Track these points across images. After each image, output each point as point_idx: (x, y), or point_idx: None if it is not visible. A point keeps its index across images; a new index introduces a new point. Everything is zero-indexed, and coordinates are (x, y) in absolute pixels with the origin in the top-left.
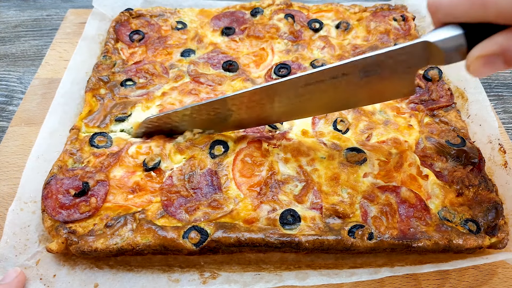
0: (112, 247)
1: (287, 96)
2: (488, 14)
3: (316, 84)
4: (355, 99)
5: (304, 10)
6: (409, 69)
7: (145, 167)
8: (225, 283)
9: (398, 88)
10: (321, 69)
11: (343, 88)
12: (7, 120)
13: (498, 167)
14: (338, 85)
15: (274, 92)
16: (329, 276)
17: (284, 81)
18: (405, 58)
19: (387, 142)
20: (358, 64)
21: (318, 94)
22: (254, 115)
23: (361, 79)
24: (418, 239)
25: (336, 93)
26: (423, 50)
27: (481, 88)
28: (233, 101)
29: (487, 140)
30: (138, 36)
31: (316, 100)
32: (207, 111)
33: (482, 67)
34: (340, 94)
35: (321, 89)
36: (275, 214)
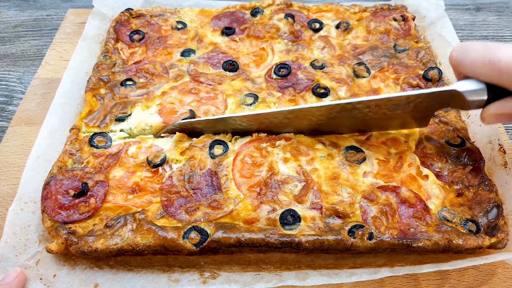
0: (112, 247)
1: (318, 117)
2: (503, 80)
3: (350, 110)
4: (377, 125)
5: (304, 10)
6: (431, 107)
7: (152, 164)
8: (225, 283)
9: (416, 122)
10: (360, 100)
11: (371, 116)
12: (7, 120)
13: (498, 167)
14: (368, 113)
15: (310, 113)
16: (329, 276)
17: (321, 106)
18: (432, 99)
19: (386, 142)
20: (393, 100)
21: (347, 119)
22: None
23: (389, 111)
24: (418, 239)
25: (363, 119)
26: (450, 96)
27: None
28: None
29: (487, 140)
30: (138, 36)
31: (343, 123)
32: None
33: (494, 120)
34: (367, 120)
35: (352, 115)
36: (275, 214)
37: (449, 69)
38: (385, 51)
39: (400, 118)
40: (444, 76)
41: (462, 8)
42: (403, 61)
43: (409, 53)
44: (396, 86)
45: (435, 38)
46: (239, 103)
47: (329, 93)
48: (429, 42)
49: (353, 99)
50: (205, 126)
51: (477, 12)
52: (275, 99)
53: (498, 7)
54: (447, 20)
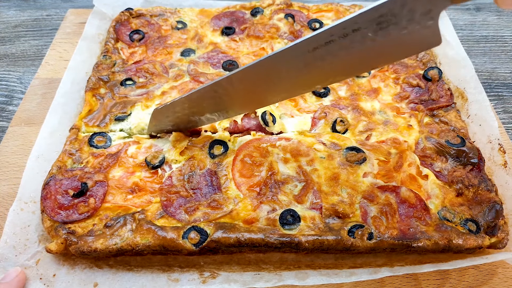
0: (111, 247)
1: (294, 66)
2: None
3: (325, 46)
4: (372, 59)
5: (304, 10)
6: (430, 12)
7: (150, 166)
8: (224, 283)
9: (421, 39)
10: (328, 27)
11: (357, 47)
12: (7, 120)
13: (498, 167)
14: (350, 45)
15: (279, 63)
16: (329, 276)
17: (288, 48)
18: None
19: (386, 142)
20: (368, 16)
21: (329, 59)
22: (258, 94)
23: (375, 33)
24: (418, 239)
25: (349, 54)
26: None
27: (481, 88)
28: (235, 79)
29: (487, 140)
30: (138, 35)
31: (328, 67)
32: (210, 94)
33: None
34: (354, 55)
35: (331, 52)
36: (275, 214)
37: (449, 69)
38: None
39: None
40: (444, 76)
41: (462, 8)
42: (403, 60)
43: None
44: (396, 86)
45: None
46: None
47: (329, 93)
48: None
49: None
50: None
51: (477, 12)
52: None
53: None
54: (447, 19)
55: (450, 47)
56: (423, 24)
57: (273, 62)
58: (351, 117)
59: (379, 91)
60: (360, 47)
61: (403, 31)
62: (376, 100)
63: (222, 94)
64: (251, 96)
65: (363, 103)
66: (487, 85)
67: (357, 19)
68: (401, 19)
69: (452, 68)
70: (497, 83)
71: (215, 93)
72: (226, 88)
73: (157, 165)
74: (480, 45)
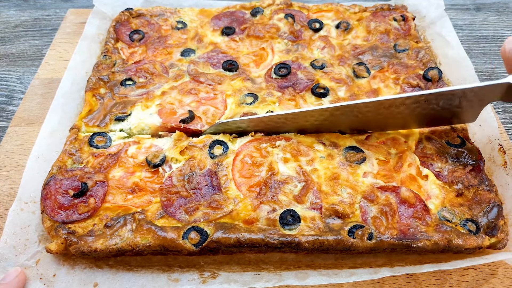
0: (111, 247)
1: (366, 114)
2: None
3: (398, 106)
4: (424, 122)
5: (304, 10)
6: (482, 101)
7: (151, 165)
8: (224, 283)
9: (466, 117)
10: (409, 95)
11: (420, 111)
12: (7, 120)
13: (497, 167)
14: (416, 109)
15: (356, 109)
16: (329, 276)
17: (370, 102)
18: (485, 93)
19: (386, 142)
20: (444, 94)
21: (395, 115)
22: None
23: (440, 106)
24: (418, 239)
25: (411, 115)
26: (502, 89)
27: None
28: (315, 113)
29: (487, 140)
30: (138, 35)
31: (392, 119)
32: (276, 122)
33: None
34: (415, 116)
35: (399, 110)
36: (275, 215)
37: (449, 69)
38: (385, 51)
39: (449, 113)
40: (444, 76)
41: (462, 8)
42: (403, 61)
43: (409, 53)
44: (396, 86)
45: (435, 37)
46: (239, 103)
47: (328, 93)
48: (429, 42)
49: (402, 95)
50: (248, 125)
51: (477, 12)
52: (275, 98)
53: (498, 7)
54: (447, 19)
55: (450, 47)
56: (473, 107)
57: (352, 107)
58: None
59: (379, 91)
60: (421, 111)
61: (458, 107)
62: None
63: (285, 124)
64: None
65: None
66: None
67: (434, 94)
68: (462, 100)
69: (452, 68)
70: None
71: (283, 121)
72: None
73: (158, 163)
74: (480, 45)
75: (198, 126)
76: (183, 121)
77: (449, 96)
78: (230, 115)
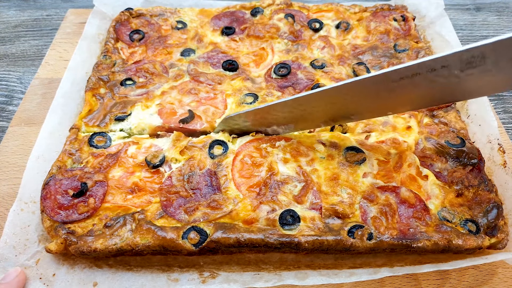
0: (111, 247)
1: (376, 91)
2: None
3: (411, 77)
4: (448, 94)
5: (304, 10)
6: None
7: (151, 165)
8: (224, 283)
9: (499, 82)
10: (421, 61)
11: (440, 81)
12: (7, 120)
13: (497, 167)
14: (434, 79)
15: (363, 87)
16: (329, 276)
17: (377, 75)
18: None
19: (386, 142)
20: (462, 55)
21: (410, 89)
22: (334, 113)
23: (462, 71)
24: (418, 239)
25: (430, 87)
26: None
27: None
28: (316, 97)
29: (486, 140)
30: (138, 35)
31: (407, 96)
32: (292, 107)
33: None
34: (434, 88)
35: (415, 83)
36: (275, 215)
37: None
38: (385, 51)
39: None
40: None
41: (462, 8)
42: (403, 61)
43: (409, 53)
44: None
45: (435, 37)
46: (239, 102)
47: None
48: (429, 42)
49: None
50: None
51: (477, 12)
52: (275, 98)
53: (498, 7)
54: (447, 19)
55: (450, 47)
56: (504, 70)
57: (356, 86)
58: None
59: None
60: (442, 81)
61: (486, 72)
62: None
63: (297, 110)
64: (325, 115)
65: None
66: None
67: (449, 57)
68: (488, 62)
69: None
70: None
71: (291, 109)
72: (304, 105)
73: (157, 164)
74: None
75: (197, 125)
76: (182, 121)
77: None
78: None
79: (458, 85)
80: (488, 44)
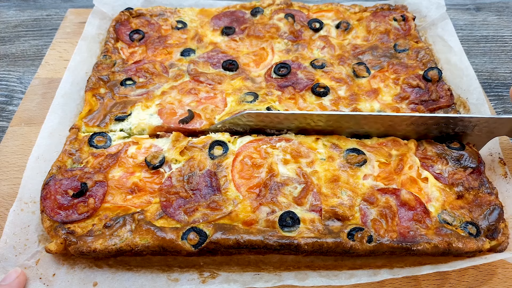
0: (110, 247)
1: (382, 123)
2: None
3: (409, 125)
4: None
5: (304, 10)
6: (492, 134)
7: (151, 166)
8: (224, 283)
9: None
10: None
11: (427, 129)
12: (7, 120)
13: (498, 176)
14: (423, 130)
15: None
16: (328, 277)
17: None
18: (496, 126)
19: (387, 144)
20: (451, 118)
21: (402, 128)
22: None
23: (448, 128)
24: (418, 242)
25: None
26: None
27: (483, 100)
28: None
29: (487, 152)
30: (138, 35)
31: (396, 131)
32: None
33: None
34: (421, 131)
35: (409, 129)
36: (274, 216)
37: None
38: (385, 51)
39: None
40: (444, 76)
41: (462, 8)
42: (403, 61)
43: (409, 53)
44: (396, 86)
45: (437, 41)
46: (239, 101)
47: (328, 92)
48: (431, 45)
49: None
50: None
51: (477, 12)
52: (275, 97)
53: (498, 7)
54: (449, 22)
55: (453, 53)
56: (481, 136)
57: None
58: None
59: (379, 91)
60: (429, 128)
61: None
62: (376, 100)
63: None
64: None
65: (362, 104)
66: (487, 85)
67: (442, 118)
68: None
69: (454, 75)
70: (497, 83)
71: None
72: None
73: (157, 165)
74: (480, 45)
75: (197, 124)
76: (182, 121)
77: (460, 122)
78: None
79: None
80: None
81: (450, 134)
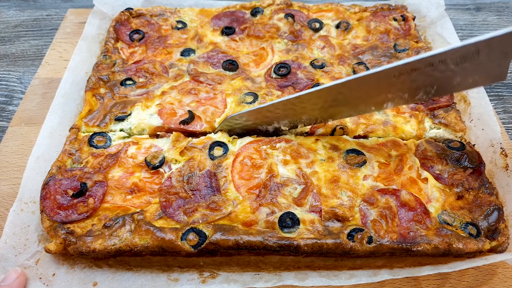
0: (110, 248)
1: (377, 87)
2: None
3: (410, 72)
4: (443, 87)
5: (304, 9)
6: (506, 54)
7: (151, 166)
8: (224, 283)
9: (491, 73)
10: (419, 57)
11: (436, 75)
12: (7, 120)
13: (499, 170)
14: (432, 73)
15: (364, 84)
16: (329, 277)
17: (376, 72)
18: (504, 44)
19: (386, 144)
20: (459, 50)
21: (408, 83)
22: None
23: (457, 65)
24: (418, 243)
25: (427, 81)
26: None
27: (483, 92)
28: (315, 95)
29: (489, 144)
30: (138, 35)
31: (405, 89)
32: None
33: None
34: (432, 81)
35: (413, 77)
36: (274, 217)
37: None
38: (385, 51)
39: (471, 72)
40: None
41: (462, 8)
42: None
43: (409, 53)
44: None
45: (436, 39)
46: (239, 102)
47: None
48: (430, 43)
49: (414, 57)
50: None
51: (477, 12)
52: (275, 97)
53: (498, 7)
54: (448, 20)
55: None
56: (495, 62)
57: (358, 83)
58: (350, 121)
59: None
60: (438, 75)
61: (479, 65)
62: None
63: (298, 108)
64: (325, 111)
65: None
66: (487, 85)
67: (448, 52)
68: (482, 55)
69: None
70: (497, 83)
71: (292, 106)
72: (305, 102)
73: (157, 165)
74: None
75: (197, 126)
76: (183, 122)
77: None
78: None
79: (452, 78)
80: (483, 40)
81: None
